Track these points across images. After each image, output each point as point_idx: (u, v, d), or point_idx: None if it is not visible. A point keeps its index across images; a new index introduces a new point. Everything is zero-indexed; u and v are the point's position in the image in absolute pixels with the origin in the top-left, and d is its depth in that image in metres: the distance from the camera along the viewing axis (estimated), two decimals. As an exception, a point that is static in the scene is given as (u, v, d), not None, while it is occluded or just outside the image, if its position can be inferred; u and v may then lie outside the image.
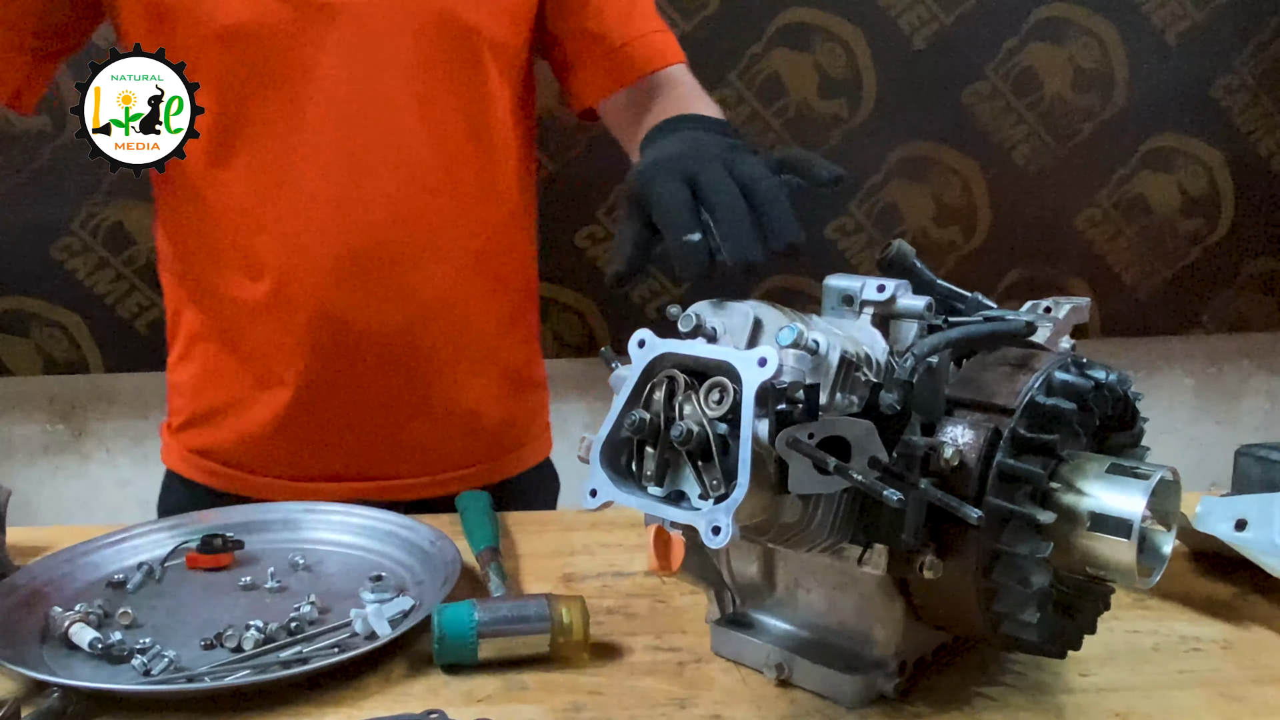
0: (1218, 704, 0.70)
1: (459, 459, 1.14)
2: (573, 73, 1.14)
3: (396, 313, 1.05)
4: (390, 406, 1.09)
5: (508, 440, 1.18)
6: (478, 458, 1.15)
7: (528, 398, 1.21)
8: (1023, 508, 0.61)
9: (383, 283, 1.04)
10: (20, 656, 0.71)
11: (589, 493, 0.60)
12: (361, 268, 1.02)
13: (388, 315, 1.05)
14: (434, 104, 1.04)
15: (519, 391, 1.19)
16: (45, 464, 1.82)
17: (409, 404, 1.09)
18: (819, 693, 0.69)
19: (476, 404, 1.14)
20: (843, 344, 0.60)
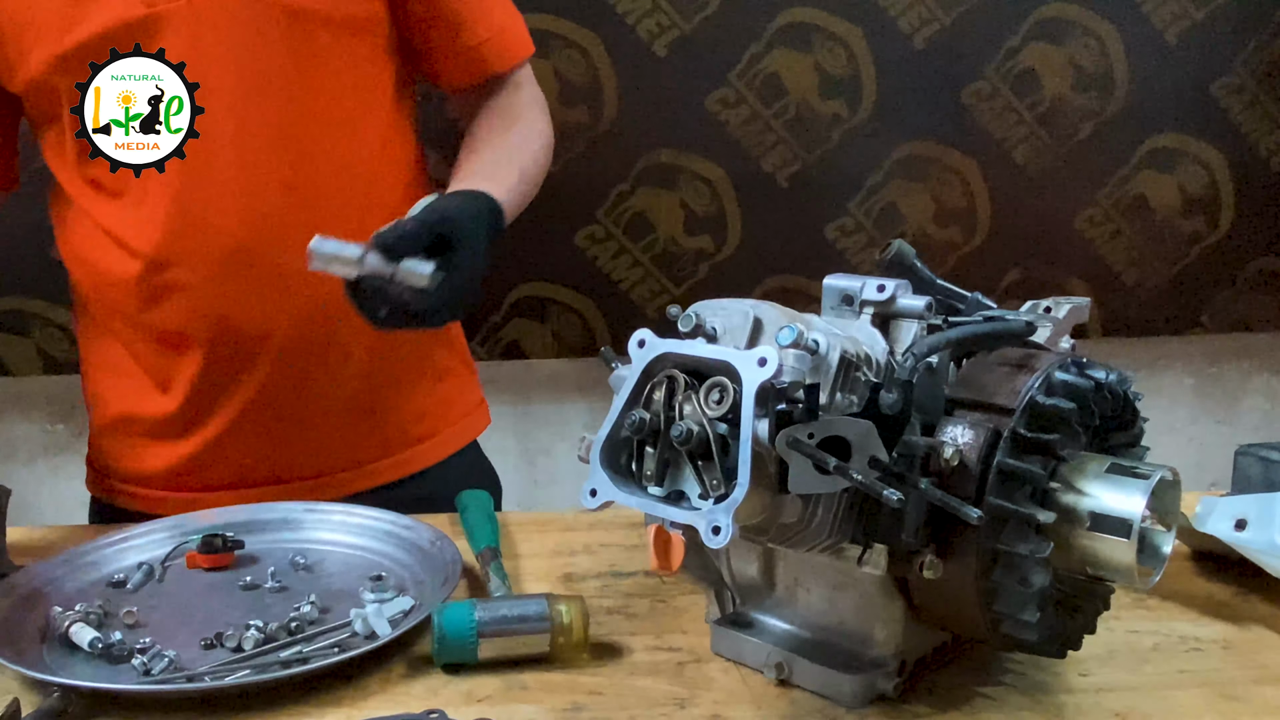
0: (1218, 704, 0.70)
1: (358, 456, 1.12)
2: (424, 57, 1.14)
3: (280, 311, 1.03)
4: (281, 406, 1.07)
5: (415, 433, 1.16)
6: (377, 454, 1.13)
7: (435, 387, 1.19)
8: (1023, 507, 0.61)
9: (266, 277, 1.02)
10: (20, 656, 0.72)
11: (589, 492, 0.60)
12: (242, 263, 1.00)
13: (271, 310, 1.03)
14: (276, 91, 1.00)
15: (423, 382, 1.17)
16: (45, 464, 1.82)
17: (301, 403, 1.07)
18: (819, 692, 0.69)
19: (374, 398, 1.12)
20: (843, 344, 0.60)
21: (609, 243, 1.74)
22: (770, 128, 1.71)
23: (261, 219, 1.01)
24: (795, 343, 0.58)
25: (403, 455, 1.15)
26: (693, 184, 1.72)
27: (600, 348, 0.68)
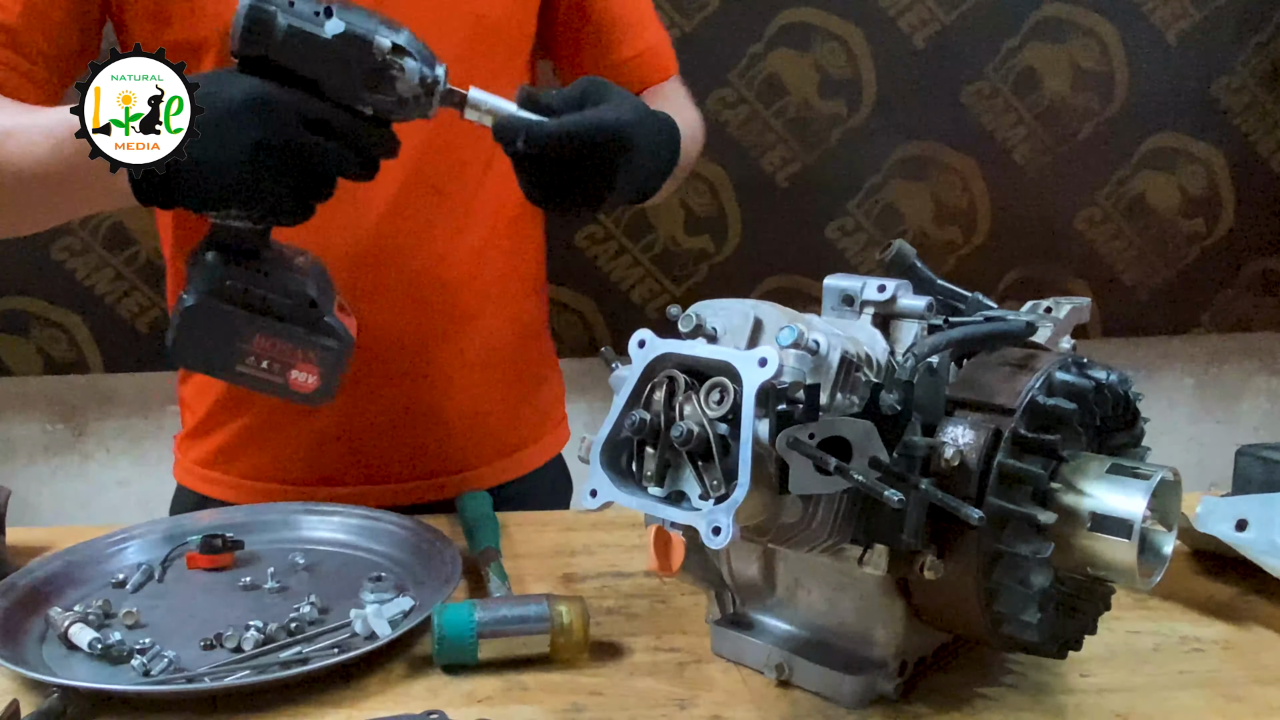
0: (1218, 704, 0.70)
1: (462, 462, 1.13)
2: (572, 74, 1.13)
3: (404, 314, 1.05)
4: (394, 410, 1.08)
5: (513, 440, 1.17)
6: (482, 460, 1.14)
7: (535, 397, 1.20)
8: (1023, 508, 0.61)
9: (390, 283, 1.03)
10: (20, 656, 0.72)
11: (589, 493, 0.60)
12: (368, 267, 1.02)
13: (395, 316, 1.04)
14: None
15: (526, 391, 1.18)
16: (45, 464, 1.82)
17: (413, 407, 1.08)
18: (819, 693, 0.69)
19: (482, 405, 1.13)
20: (843, 344, 0.60)
21: (609, 243, 1.74)
22: (770, 128, 1.71)
23: (404, 221, 1.02)
24: (796, 343, 0.58)
25: (502, 463, 1.15)
26: (692, 184, 1.72)
27: (600, 348, 0.68)
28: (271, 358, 0.75)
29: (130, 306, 1.67)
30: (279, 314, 0.74)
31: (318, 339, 0.76)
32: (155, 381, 1.77)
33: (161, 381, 1.77)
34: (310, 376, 0.76)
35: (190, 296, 0.73)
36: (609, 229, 1.73)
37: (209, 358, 0.75)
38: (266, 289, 0.74)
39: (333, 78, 0.70)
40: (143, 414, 1.82)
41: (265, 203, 0.72)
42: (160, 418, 1.82)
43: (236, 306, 0.74)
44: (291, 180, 0.71)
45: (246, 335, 0.74)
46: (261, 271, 0.74)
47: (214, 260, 0.74)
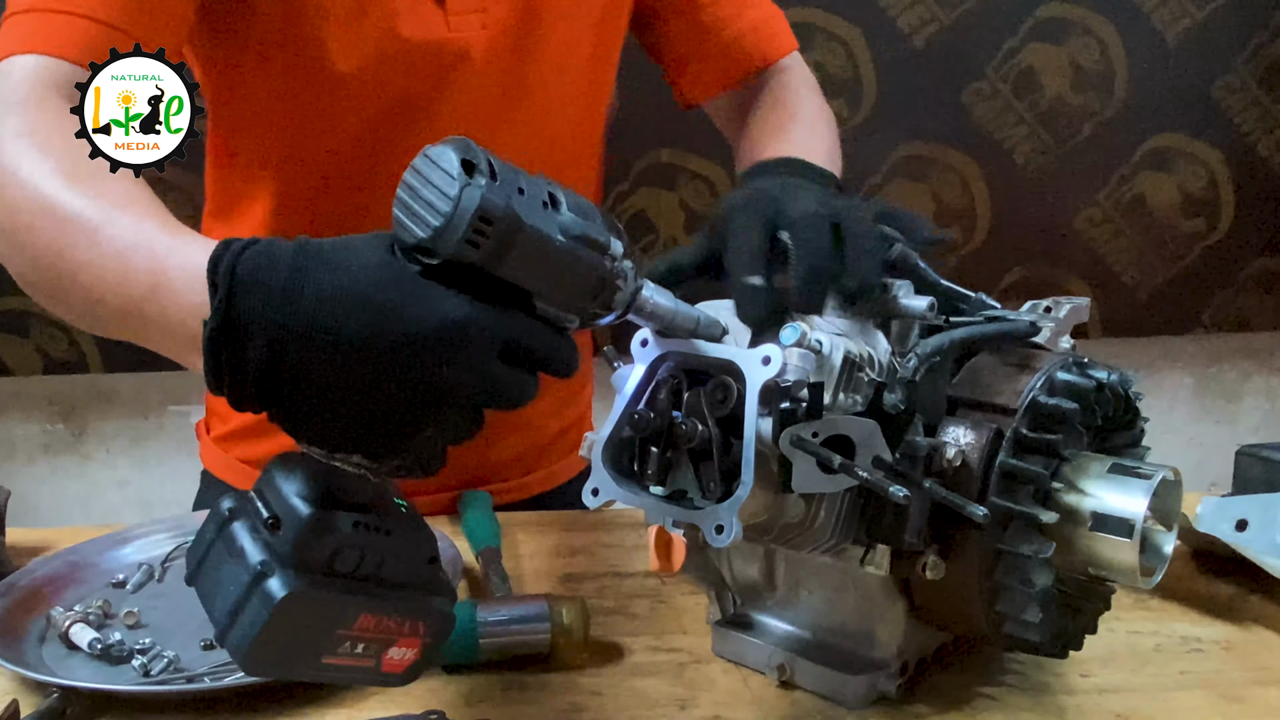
0: (1219, 705, 0.70)
1: (515, 469, 1.11)
2: (678, 67, 1.07)
3: None
4: None
5: (562, 446, 1.15)
6: (531, 467, 1.12)
7: (580, 395, 1.18)
8: (1025, 508, 0.61)
9: None
10: (20, 656, 0.71)
11: (590, 492, 0.60)
12: None
13: None
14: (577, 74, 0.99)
15: (571, 397, 1.16)
16: (45, 464, 1.82)
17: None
18: (820, 693, 0.69)
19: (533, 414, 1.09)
20: (846, 344, 0.60)
21: (609, 243, 1.73)
22: (770, 128, 1.71)
23: None
24: (799, 342, 0.58)
25: (553, 468, 1.14)
26: (692, 184, 1.72)
27: (602, 347, 0.68)
28: (371, 639, 0.52)
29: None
30: (392, 581, 0.53)
31: (430, 604, 0.55)
32: (155, 381, 1.77)
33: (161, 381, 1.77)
34: (409, 652, 0.54)
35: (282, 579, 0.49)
36: (609, 229, 1.73)
37: (295, 655, 0.51)
38: (385, 553, 0.52)
39: (557, 290, 0.51)
40: (143, 414, 1.81)
41: (415, 453, 0.51)
42: (160, 418, 1.82)
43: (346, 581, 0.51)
44: (460, 426, 0.51)
45: (349, 617, 0.51)
46: (379, 529, 0.52)
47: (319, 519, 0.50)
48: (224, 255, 0.49)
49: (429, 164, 0.47)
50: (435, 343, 0.47)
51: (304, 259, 0.49)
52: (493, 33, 0.92)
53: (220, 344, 0.48)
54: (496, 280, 0.49)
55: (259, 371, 0.48)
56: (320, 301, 0.47)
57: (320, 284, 0.48)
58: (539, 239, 0.49)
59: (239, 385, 0.49)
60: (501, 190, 0.47)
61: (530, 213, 0.49)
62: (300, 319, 0.47)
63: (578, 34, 0.98)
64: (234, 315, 0.48)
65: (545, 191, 0.50)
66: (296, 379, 0.48)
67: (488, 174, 0.47)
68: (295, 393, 0.48)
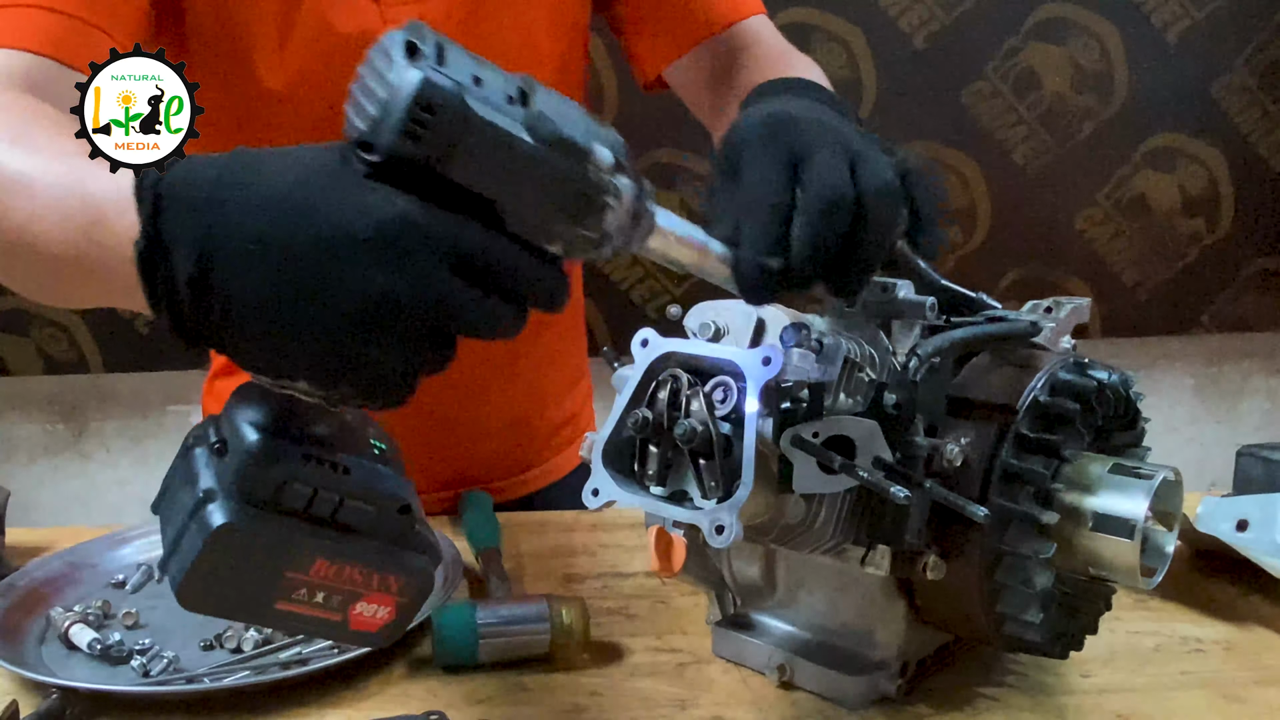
0: (1219, 705, 0.70)
1: (512, 465, 1.11)
2: (637, 33, 1.00)
3: None
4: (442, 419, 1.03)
5: (559, 441, 1.15)
6: (529, 463, 1.12)
7: (575, 390, 1.18)
8: (1026, 508, 0.61)
9: None
10: (20, 657, 0.71)
11: (591, 492, 0.60)
12: None
13: None
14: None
15: (569, 386, 1.16)
16: (45, 464, 1.82)
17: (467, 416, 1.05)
18: (821, 694, 0.69)
19: (530, 406, 1.10)
20: (846, 344, 0.60)
21: (609, 243, 1.73)
22: (770, 128, 1.71)
23: None
24: (799, 342, 0.58)
25: (550, 464, 1.14)
26: (692, 184, 1.72)
27: (602, 347, 0.68)
28: (331, 588, 0.49)
29: (130, 306, 1.66)
30: (354, 527, 0.49)
31: (404, 558, 0.51)
32: (155, 381, 1.77)
33: (161, 381, 1.77)
34: (382, 609, 0.51)
35: (222, 508, 0.46)
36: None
37: (237, 596, 0.48)
38: (342, 491, 0.48)
39: (525, 202, 0.45)
40: (143, 414, 1.82)
41: (363, 379, 0.46)
42: (160, 417, 1.82)
43: (295, 519, 0.47)
44: (412, 349, 0.46)
45: (301, 560, 0.48)
46: (337, 466, 0.48)
47: (266, 448, 0.47)
48: (149, 173, 0.47)
49: (377, 51, 0.43)
50: (370, 245, 0.42)
51: (234, 166, 0.46)
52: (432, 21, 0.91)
53: (153, 265, 0.45)
54: (452, 186, 0.43)
55: (189, 288, 0.44)
56: (247, 208, 0.44)
57: (249, 189, 0.44)
58: (494, 134, 0.43)
59: (175, 307, 0.45)
60: (449, 74, 0.42)
61: (485, 104, 0.42)
62: (226, 226, 0.44)
63: (531, 23, 0.94)
64: (160, 230, 0.45)
65: (514, 86, 0.44)
66: (227, 294, 0.44)
67: (433, 57, 0.42)
68: (228, 310, 0.44)
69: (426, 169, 0.43)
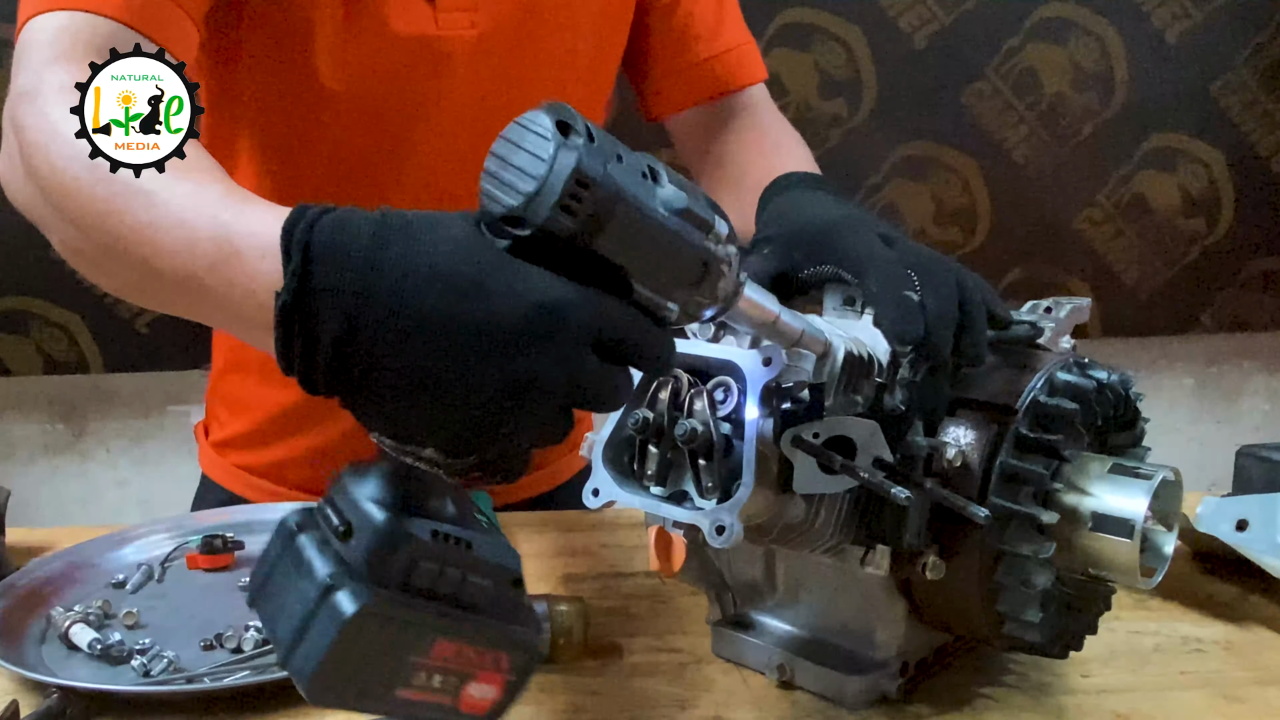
0: (1219, 705, 0.70)
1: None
2: (649, 80, 1.07)
3: None
4: None
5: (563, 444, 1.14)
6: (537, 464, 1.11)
7: None
8: (1025, 508, 0.61)
9: None
10: (20, 657, 0.71)
11: (591, 492, 0.60)
12: None
13: None
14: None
15: None
16: (45, 464, 1.82)
17: None
18: (821, 694, 0.69)
19: None
20: (846, 344, 0.60)
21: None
22: (770, 128, 1.71)
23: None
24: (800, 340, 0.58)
25: (553, 467, 1.13)
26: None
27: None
28: (448, 670, 0.46)
29: (130, 306, 1.66)
30: (473, 604, 0.47)
31: (513, 633, 0.48)
32: (155, 381, 1.77)
33: (162, 381, 1.77)
34: (491, 689, 0.48)
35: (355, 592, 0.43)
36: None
37: (364, 684, 0.44)
38: (465, 566, 0.46)
39: (655, 271, 0.46)
40: (143, 414, 1.81)
41: (493, 453, 0.46)
42: (160, 418, 1.82)
43: (424, 599, 0.45)
44: (544, 424, 0.46)
45: (426, 643, 0.45)
46: (463, 542, 0.46)
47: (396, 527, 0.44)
48: (299, 221, 0.45)
49: (521, 130, 0.43)
50: (526, 326, 0.43)
51: (386, 229, 0.45)
52: (482, 31, 0.91)
53: (293, 317, 0.44)
54: (592, 257, 0.44)
55: (332, 346, 0.44)
56: (403, 274, 0.43)
57: (404, 256, 0.43)
58: (639, 208, 0.44)
59: (310, 362, 0.44)
60: (599, 153, 0.43)
61: (630, 180, 0.44)
62: (380, 292, 0.43)
63: (576, 34, 0.98)
64: (309, 285, 0.44)
65: (644, 163, 0.46)
66: (372, 357, 0.43)
67: (585, 136, 0.43)
68: (369, 373, 0.44)
69: (569, 243, 0.43)
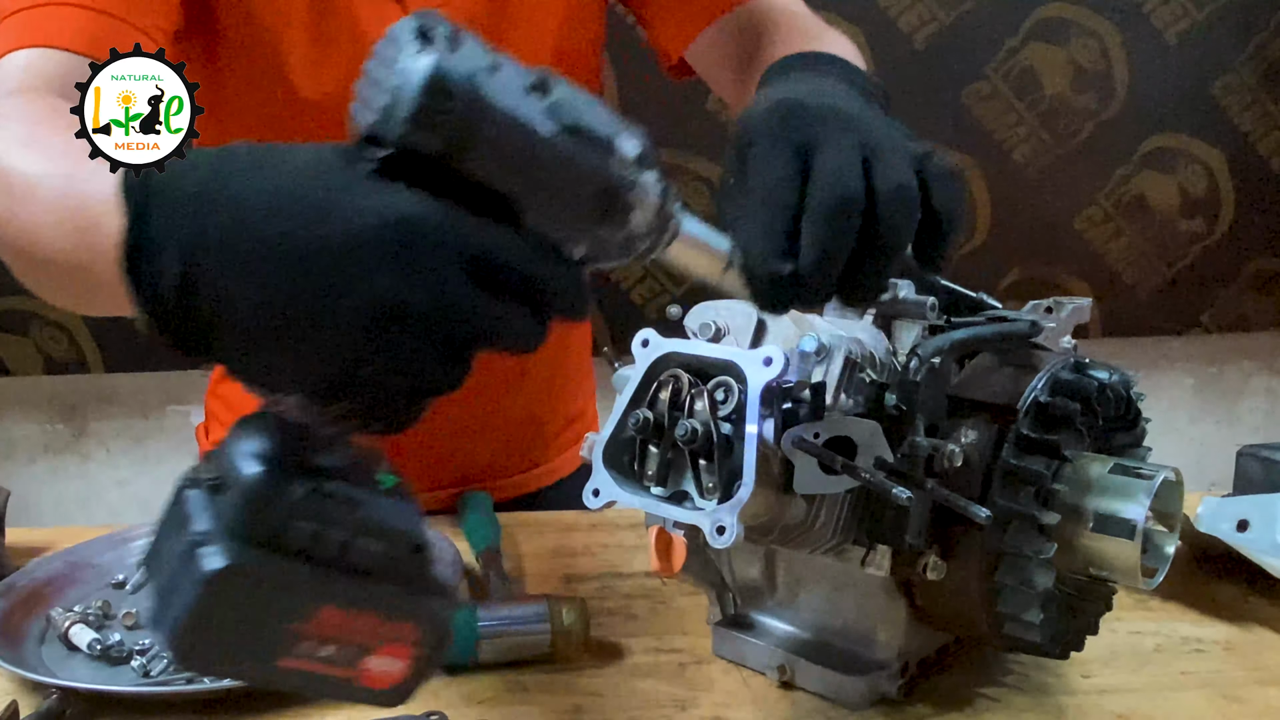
0: (1220, 705, 0.70)
1: (516, 465, 1.11)
2: (656, 14, 0.97)
3: None
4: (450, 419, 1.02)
5: (563, 441, 1.14)
6: (533, 462, 1.12)
7: (582, 388, 1.17)
8: (1027, 508, 0.61)
9: None
10: (20, 657, 0.71)
11: (591, 492, 0.60)
12: None
13: None
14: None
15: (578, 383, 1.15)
16: (45, 464, 1.82)
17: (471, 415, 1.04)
18: (821, 694, 0.69)
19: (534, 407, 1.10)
20: (847, 344, 0.60)
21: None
22: (770, 127, 1.71)
23: None
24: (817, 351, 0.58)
25: (554, 463, 1.13)
26: (693, 184, 1.72)
27: (602, 348, 0.68)
28: (340, 640, 0.43)
29: (129, 306, 1.66)
30: (364, 568, 0.43)
31: (419, 603, 0.45)
32: (155, 381, 1.77)
33: (161, 381, 1.77)
34: (397, 663, 0.44)
35: (219, 549, 0.40)
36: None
37: (237, 651, 0.42)
38: (351, 529, 0.42)
39: (545, 198, 0.41)
40: (143, 414, 1.81)
41: (366, 396, 0.42)
42: (160, 418, 1.82)
43: (300, 562, 0.41)
44: (422, 363, 0.41)
45: (307, 609, 0.42)
46: (347, 500, 0.42)
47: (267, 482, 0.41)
48: (137, 172, 0.43)
49: (386, 41, 0.39)
50: (376, 246, 0.38)
51: (229, 163, 0.42)
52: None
53: (136, 266, 0.41)
54: (466, 182, 0.39)
55: (174, 293, 0.40)
56: (239, 206, 0.40)
57: (242, 187, 0.40)
58: (512, 123, 0.39)
59: (161, 313, 0.41)
60: (466, 59, 0.38)
61: (502, 92, 0.39)
62: (215, 226, 0.40)
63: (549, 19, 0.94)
64: (146, 233, 0.41)
65: (532, 76, 0.40)
66: (216, 300, 0.40)
67: (447, 43, 0.38)
68: (217, 316, 0.40)
69: (439, 163, 0.39)
